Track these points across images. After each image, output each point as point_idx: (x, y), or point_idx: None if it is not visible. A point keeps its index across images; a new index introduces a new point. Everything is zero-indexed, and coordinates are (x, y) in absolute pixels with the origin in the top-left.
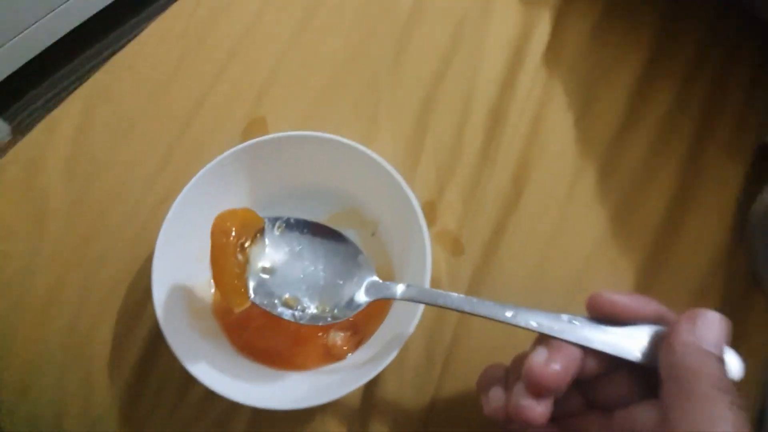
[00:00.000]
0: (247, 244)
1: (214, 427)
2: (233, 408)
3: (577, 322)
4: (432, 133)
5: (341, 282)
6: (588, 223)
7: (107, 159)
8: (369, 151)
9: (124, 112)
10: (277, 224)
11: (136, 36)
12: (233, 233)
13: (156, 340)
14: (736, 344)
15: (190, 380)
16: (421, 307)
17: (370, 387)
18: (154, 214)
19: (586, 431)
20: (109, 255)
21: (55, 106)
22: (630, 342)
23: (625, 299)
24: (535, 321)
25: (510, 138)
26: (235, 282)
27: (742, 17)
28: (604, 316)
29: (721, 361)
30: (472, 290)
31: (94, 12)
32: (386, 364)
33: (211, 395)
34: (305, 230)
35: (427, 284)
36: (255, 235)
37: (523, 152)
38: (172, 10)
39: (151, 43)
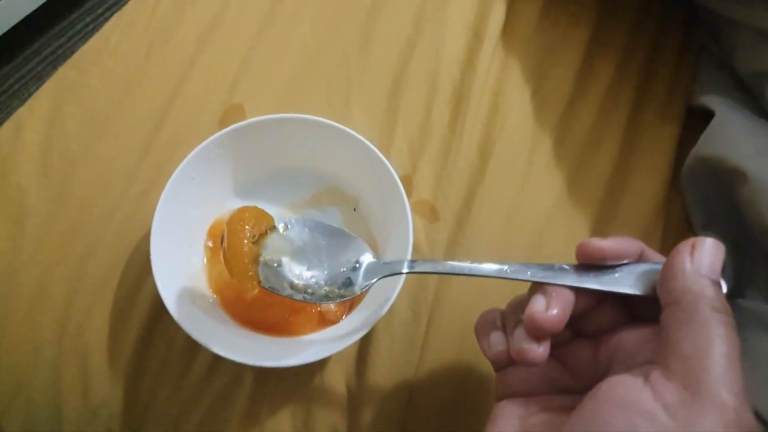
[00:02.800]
0: (255, 238)
1: (218, 400)
2: (235, 380)
3: (567, 267)
4: (402, 112)
5: (343, 270)
6: (547, 186)
7: (83, 154)
8: (350, 130)
9: (96, 107)
10: (283, 224)
11: (81, 30)
12: (248, 226)
13: (151, 325)
14: None
15: (191, 359)
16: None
17: (364, 344)
18: (138, 205)
19: (576, 357)
20: (95, 248)
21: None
22: (617, 278)
23: (610, 243)
24: (531, 272)
25: (474, 113)
26: (248, 268)
27: None
28: (593, 261)
29: (718, 284)
30: (449, 252)
31: (31, 10)
32: (377, 321)
33: (212, 370)
34: (308, 227)
35: (410, 249)
36: (265, 231)
37: (486, 126)
38: (132, 3)
39: (114, 38)
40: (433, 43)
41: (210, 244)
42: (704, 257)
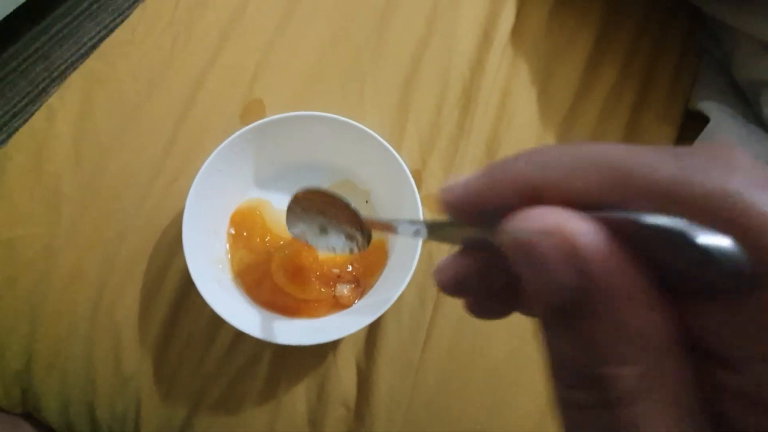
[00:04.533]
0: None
1: (238, 375)
2: (253, 358)
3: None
4: (414, 109)
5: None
6: None
7: (113, 145)
8: (364, 127)
9: (124, 99)
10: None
11: (87, 9)
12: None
13: (177, 305)
14: None
15: (213, 337)
16: (415, 262)
17: (374, 327)
18: (166, 194)
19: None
20: (125, 234)
21: (7, 87)
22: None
23: (480, 184)
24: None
25: (482, 112)
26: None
27: None
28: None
29: None
30: None
31: None
32: (387, 307)
33: (233, 348)
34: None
35: (420, 240)
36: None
37: (493, 124)
38: None
39: (139, 31)
40: (445, 43)
41: (233, 231)
42: None
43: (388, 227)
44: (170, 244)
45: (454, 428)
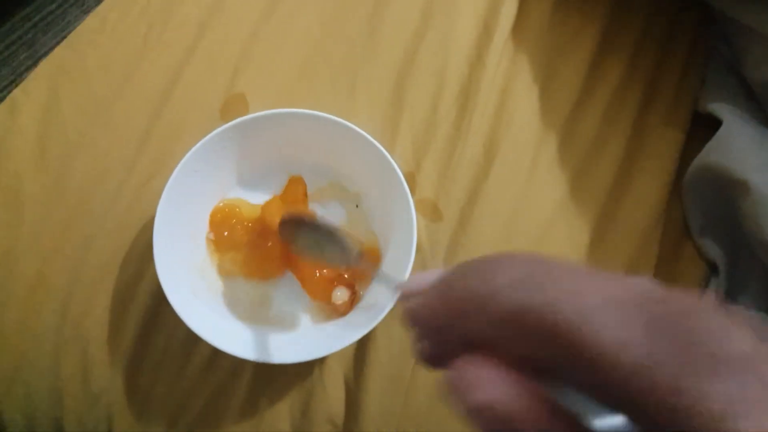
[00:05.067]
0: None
1: (218, 391)
2: (234, 372)
3: None
4: (408, 108)
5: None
6: (549, 187)
7: (81, 142)
8: (355, 127)
9: (94, 92)
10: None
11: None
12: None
13: (152, 316)
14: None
15: (191, 350)
16: (409, 269)
17: (363, 343)
18: (138, 196)
19: None
20: (94, 238)
21: None
22: None
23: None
24: None
25: (481, 112)
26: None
27: None
28: None
29: None
30: (450, 252)
31: None
32: (377, 322)
33: (212, 363)
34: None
35: (413, 247)
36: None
37: (492, 125)
38: None
39: (111, 18)
40: (442, 37)
41: (212, 236)
42: None
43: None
44: (143, 251)
45: None
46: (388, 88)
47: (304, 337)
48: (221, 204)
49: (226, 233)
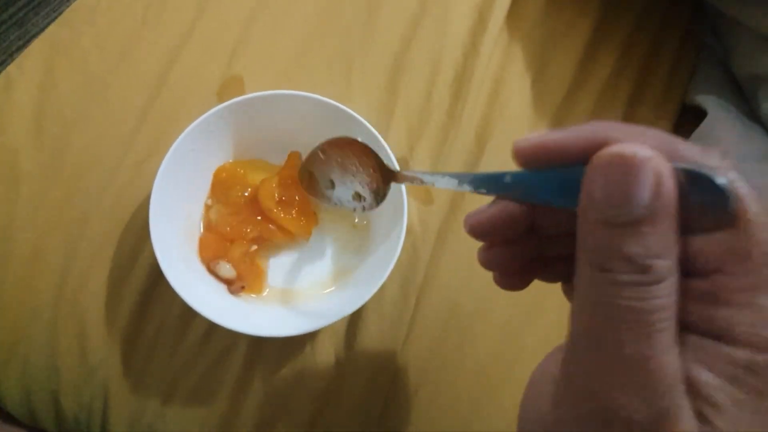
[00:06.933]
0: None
1: (213, 365)
2: (229, 346)
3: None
4: (403, 93)
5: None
6: None
7: (77, 120)
8: (349, 110)
9: (90, 71)
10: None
11: None
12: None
13: (149, 291)
14: None
15: (187, 325)
16: (398, 250)
17: (354, 319)
18: (135, 174)
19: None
20: (91, 215)
21: None
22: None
23: (555, 137)
24: (474, 185)
25: (474, 99)
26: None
27: None
28: (532, 165)
29: None
30: (441, 234)
31: None
32: (368, 298)
33: (207, 337)
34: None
35: (404, 228)
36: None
37: (485, 112)
38: None
39: None
40: (438, 24)
41: (209, 202)
42: None
43: (422, 181)
44: (140, 228)
45: (433, 426)
46: (384, 73)
47: (296, 312)
48: (229, 164)
49: (224, 192)
